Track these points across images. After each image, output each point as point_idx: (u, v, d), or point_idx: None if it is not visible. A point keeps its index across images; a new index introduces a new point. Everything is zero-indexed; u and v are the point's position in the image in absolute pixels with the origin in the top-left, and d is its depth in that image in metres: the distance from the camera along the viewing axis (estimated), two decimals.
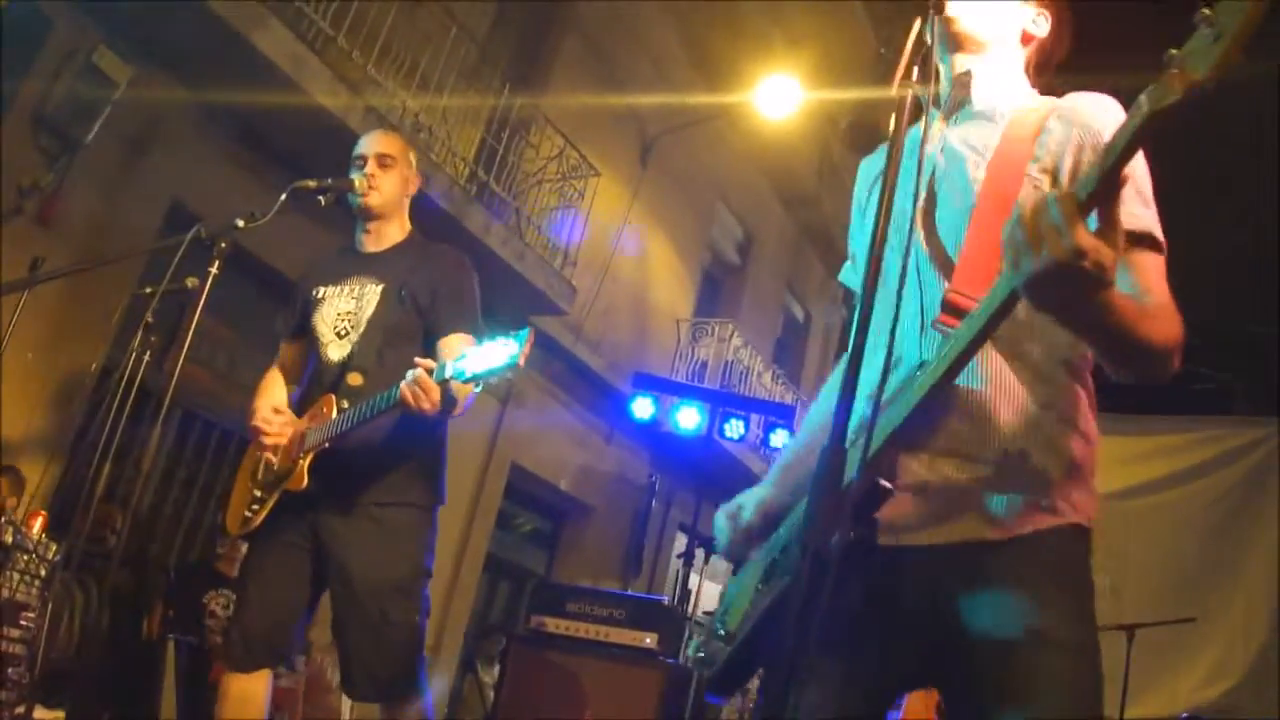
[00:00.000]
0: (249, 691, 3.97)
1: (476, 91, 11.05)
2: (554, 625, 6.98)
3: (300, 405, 4.24)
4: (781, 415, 13.64)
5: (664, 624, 6.84)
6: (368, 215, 4.37)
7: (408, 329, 4.18)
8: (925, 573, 2.02)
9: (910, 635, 2.06)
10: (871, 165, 2.55)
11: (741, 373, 15.95)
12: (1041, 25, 2.37)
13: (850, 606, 1.96)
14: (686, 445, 13.18)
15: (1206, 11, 1.47)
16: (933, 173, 2.22)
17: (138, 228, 8.13)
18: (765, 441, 13.85)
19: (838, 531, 1.61)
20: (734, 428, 12.70)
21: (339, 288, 4.29)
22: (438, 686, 11.20)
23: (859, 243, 2.52)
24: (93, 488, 4.23)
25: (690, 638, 2.24)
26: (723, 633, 2.32)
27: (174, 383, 3.69)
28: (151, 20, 7.90)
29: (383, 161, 4.37)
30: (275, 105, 8.46)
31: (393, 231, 4.45)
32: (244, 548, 6.87)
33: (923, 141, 2.09)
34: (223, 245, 3.79)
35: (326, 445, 3.96)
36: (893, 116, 1.89)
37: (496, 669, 9.26)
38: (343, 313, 4.22)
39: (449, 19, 10.33)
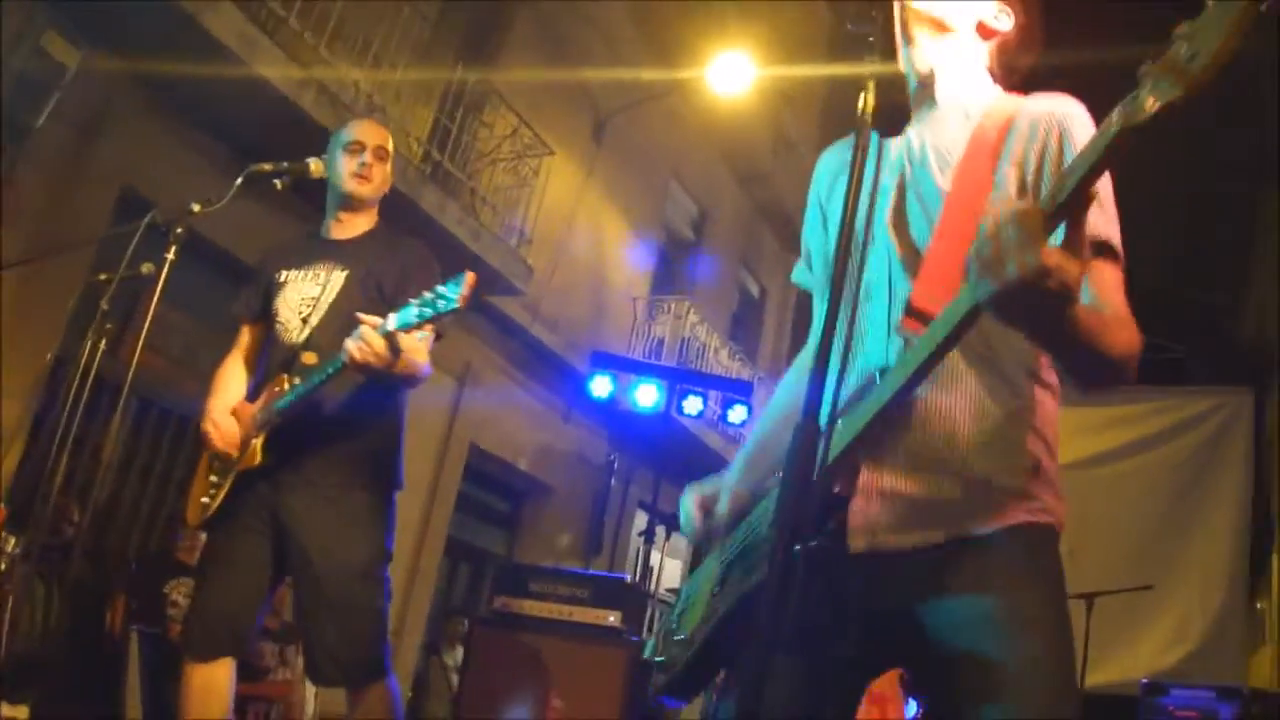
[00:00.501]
0: (211, 680, 3.90)
1: (430, 70, 10.99)
2: (517, 606, 6.97)
3: (256, 390, 4.20)
4: (739, 391, 13.66)
5: (627, 602, 6.85)
6: (352, 204, 4.32)
7: (368, 303, 4.04)
8: (899, 574, 2.00)
9: (885, 635, 2.04)
10: (832, 159, 2.52)
11: (698, 349, 15.96)
12: (1004, 21, 2.32)
13: (819, 606, 1.95)
14: (645, 423, 13.17)
15: (1185, 28, 1.45)
16: (901, 172, 2.20)
17: (89, 214, 8.05)
18: (723, 418, 13.87)
19: (807, 526, 1.59)
20: (692, 404, 12.68)
21: (303, 272, 4.22)
22: (401, 670, 11.18)
23: (815, 241, 2.48)
24: (50, 479, 4.17)
25: (648, 640, 2.21)
26: (680, 637, 2.31)
27: (132, 371, 3.64)
28: (101, 2, 7.80)
29: (380, 154, 4.37)
30: (227, 88, 8.39)
31: (362, 221, 4.39)
32: (204, 534, 6.93)
33: (861, 165, 1.88)
34: (179, 231, 3.75)
35: (278, 419, 3.94)
36: (860, 101, 1.86)
37: (460, 651, 9.26)
38: (307, 297, 4.15)
39: None
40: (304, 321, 4.11)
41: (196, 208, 3.78)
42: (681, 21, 14.66)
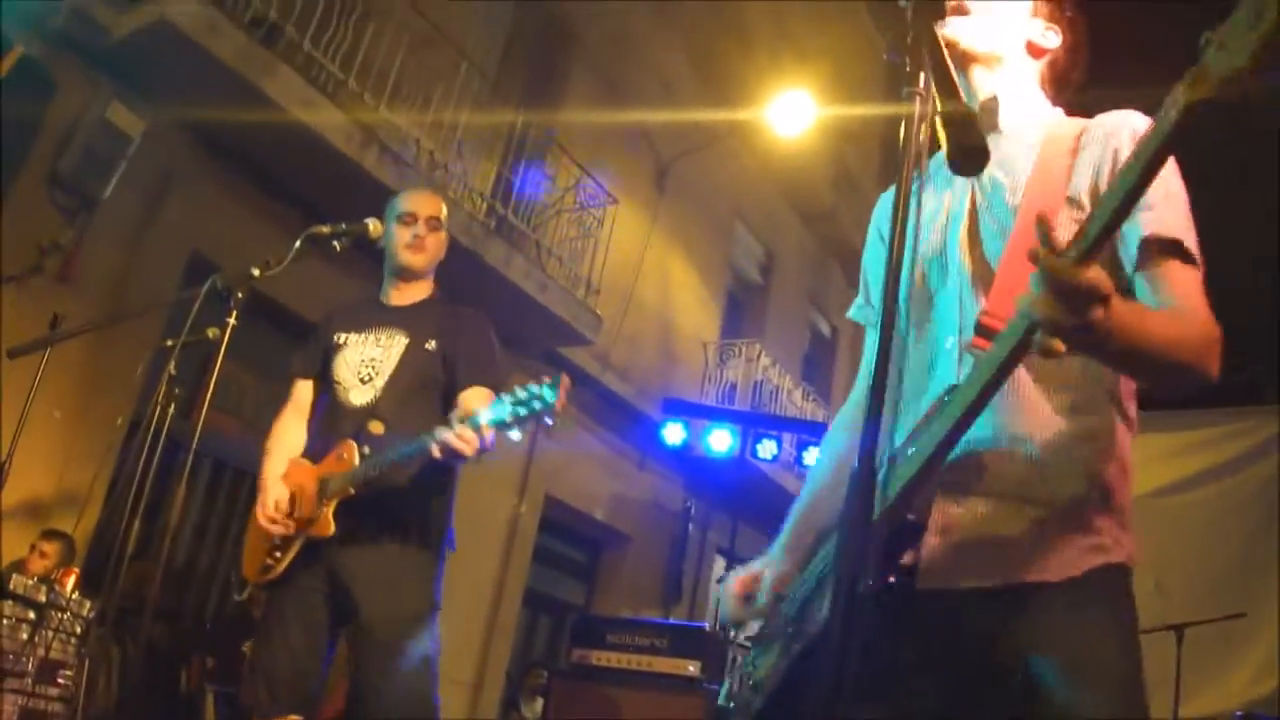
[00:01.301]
0: None
1: (491, 125, 11.06)
2: (596, 658, 6.95)
3: (317, 448, 4.30)
4: (813, 433, 13.54)
5: (706, 651, 6.81)
6: (408, 274, 4.47)
7: (430, 381, 4.24)
8: (975, 617, 1.95)
9: (963, 682, 1.98)
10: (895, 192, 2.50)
11: (771, 392, 15.88)
12: (1051, 39, 2.30)
13: (895, 654, 1.93)
14: (720, 468, 13.12)
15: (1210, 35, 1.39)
16: (971, 196, 2.18)
17: (158, 280, 8.16)
18: (799, 460, 13.76)
19: (871, 570, 1.53)
20: (766, 448, 12.63)
21: (363, 335, 4.36)
22: None
23: (875, 274, 2.47)
24: (124, 543, 4.19)
25: (723, 683, 2.19)
26: (754, 682, 2.27)
27: (198, 433, 3.66)
28: (163, 73, 7.92)
29: (433, 224, 4.47)
30: (289, 150, 8.50)
31: (420, 289, 4.52)
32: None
33: (905, 200, 1.81)
34: (239, 295, 3.79)
35: (351, 492, 4.03)
36: (901, 130, 1.81)
37: (540, 704, 9.22)
38: (367, 359, 4.29)
39: (458, 55, 10.35)
40: (363, 383, 4.24)
41: (256, 272, 3.82)
42: (739, 63, 14.68)
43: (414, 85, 9.90)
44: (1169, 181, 1.99)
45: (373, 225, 4.23)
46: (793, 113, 13.94)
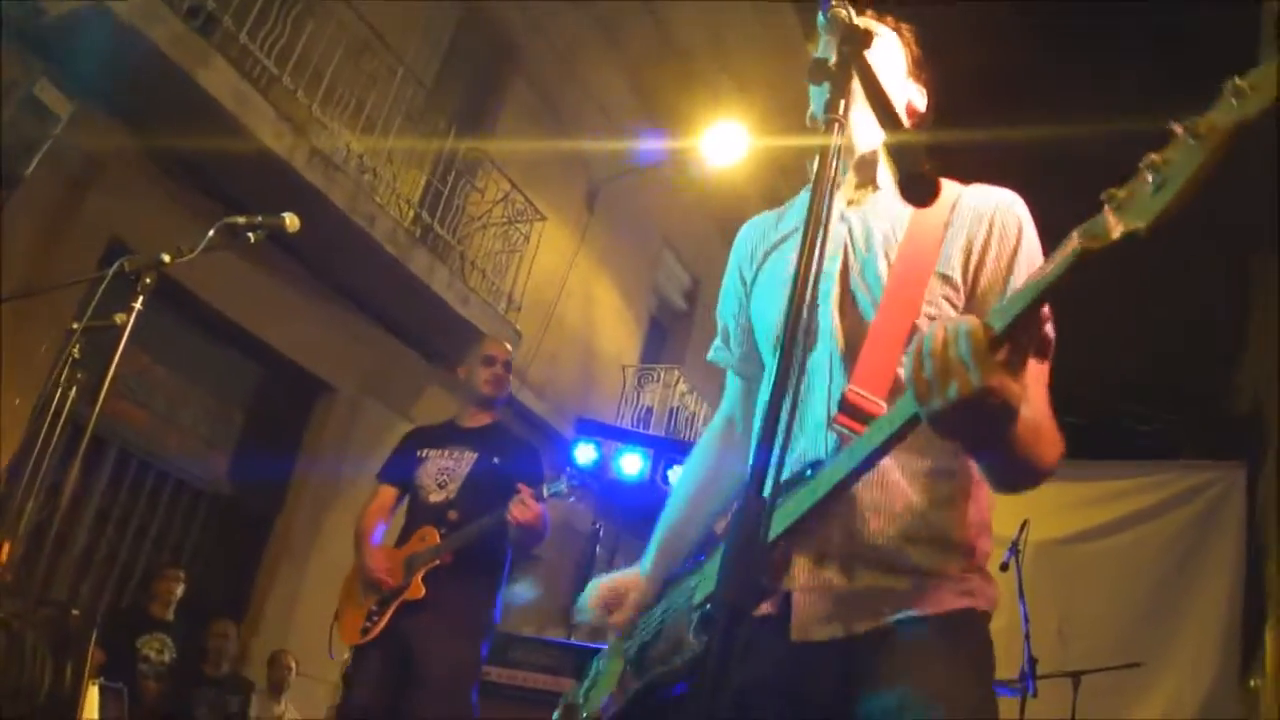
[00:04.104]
0: None
1: (422, 135, 11.03)
2: (498, 674, 6.95)
3: (402, 537, 5.39)
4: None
5: None
6: (485, 403, 5.60)
7: (493, 486, 5.18)
8: (833, 665, 1.96)
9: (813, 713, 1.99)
10: (753, 231, 2.50)
11: (687, 419, 15.91)
12: (920, 101, 2.34)
13: (756, 698, 1.95)
14: (630, 492, 13.10)
15: (1155, 158, 1.41)
16: (844, 256, 2.15)
17: (74, 264, 8.03)
18: (666, 477, 13.78)
19: (748, 602, 1.53)
20: (677, 474, 12.60)
21: (441, 451, 5.45)
22: None
23: (731, 315, 2.46)
24: (15, 526, 4.15)
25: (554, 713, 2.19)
26: (585, 715, 2.29)
27: (94, 418, 3.62)
28: (95, 55, 7.81)
29: (508, 367, 5.68)
30: (219, 144, 8.41)
31: (487, 415, 5.64)
32: (179, 589, 8.37)
33: (823, 217, 1.74)
34: (147, 280, 3.75)
35: (438, 562, 5.09)
36: (813, 169, 1.80)
37: None
38: (443, 468, 5.38)
39: (396, 61, 10.32)
40: (440, 487, 5.33)
41: (167, 258, 3.78)
42: (678, 91, 14.73)
43: (349, 88, 9.86)
44: (1034, 266, 1.99)
45: (289, 219, 4.21)
46: (727, 143, 14.01)
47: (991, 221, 2.07)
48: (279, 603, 10.28)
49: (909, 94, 2.33)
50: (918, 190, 1.78)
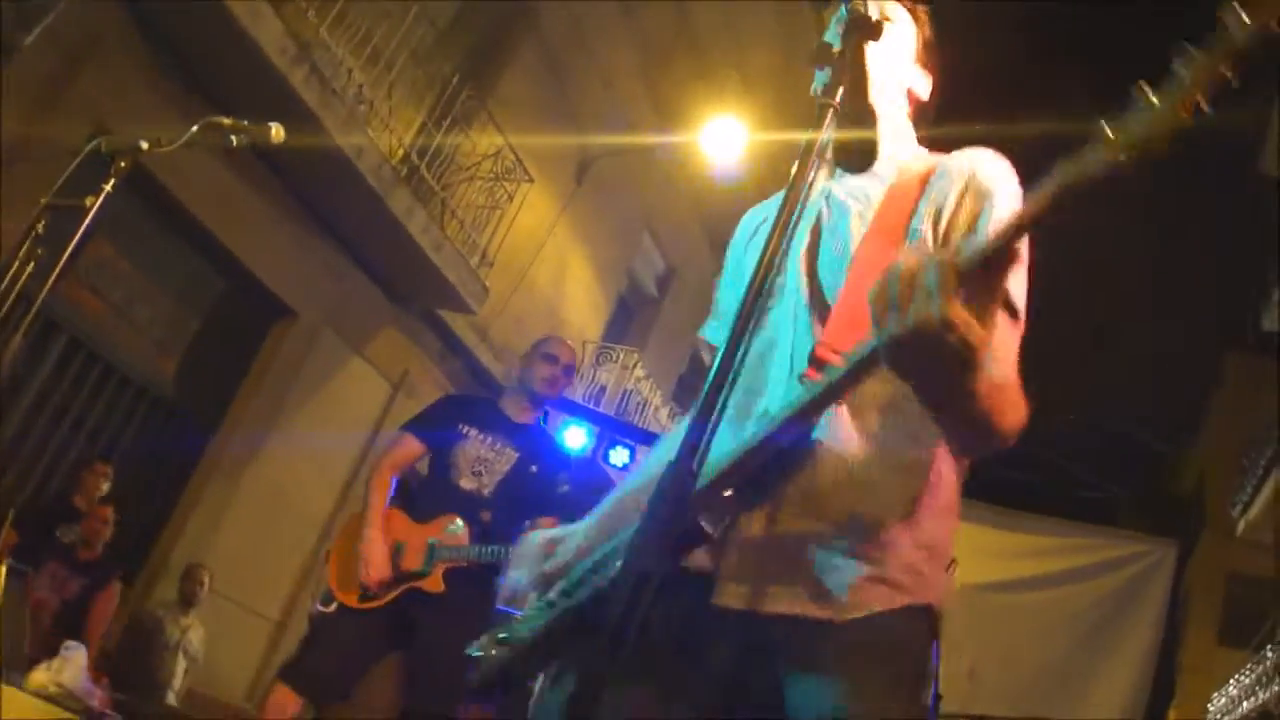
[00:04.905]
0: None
1: (426, 75, 10.95)
2: None
3: (422, 508, 5.20)
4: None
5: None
6: (536, 400, 5.44)
7: (528, 493, 5.12)
8: (746, 640, 1.90)
9: (715, 696, 1.95)
10: (754, 218, 2.48)
11: (639, 404, 15.90)
12: (923, 88, 2.31)
13: (661, 647, 1.87)
14: (571, 464, 13.07)
15: (1150, 92, 1.41)
16: (817, 220, 2.14)
17: (58, 142, 7.91)
18: (606, 456, 13.75)
19: (665, 557, 1.51)
20: (619, 455, 12.58)
21: (483, 435, 5.24)
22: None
23: (729, 297, 2.43)
24: None
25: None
26: (501, 636, 2.22)
27: (42, 295, 3.56)
28: None
29: (570, 373, 5.51)
30: (219, 47, 8.35)
31: (535, 413, 5.49)
32: (105, 484, 8.36)
33: (798, 190, 1.79)
34: (121, 164, 3.68)
35: (464, 564, 4.93)
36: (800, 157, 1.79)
37: None
38: (481, 456, 5.19)
39: None
40: (474, 475, 5.16)
41: (145, 145, 3.71)
42: (684, 79, 14.69)
43: (360, 15, 9.78)
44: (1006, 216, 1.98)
45: (275, 130, 4.14)
46: (725, 139, 13.98)
47: (967, 182, 2.03)
48: (204, 517, 10.20)
49: (912, 80, 2.30)
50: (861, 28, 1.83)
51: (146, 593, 9.77)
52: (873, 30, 1.87)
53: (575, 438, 12.51)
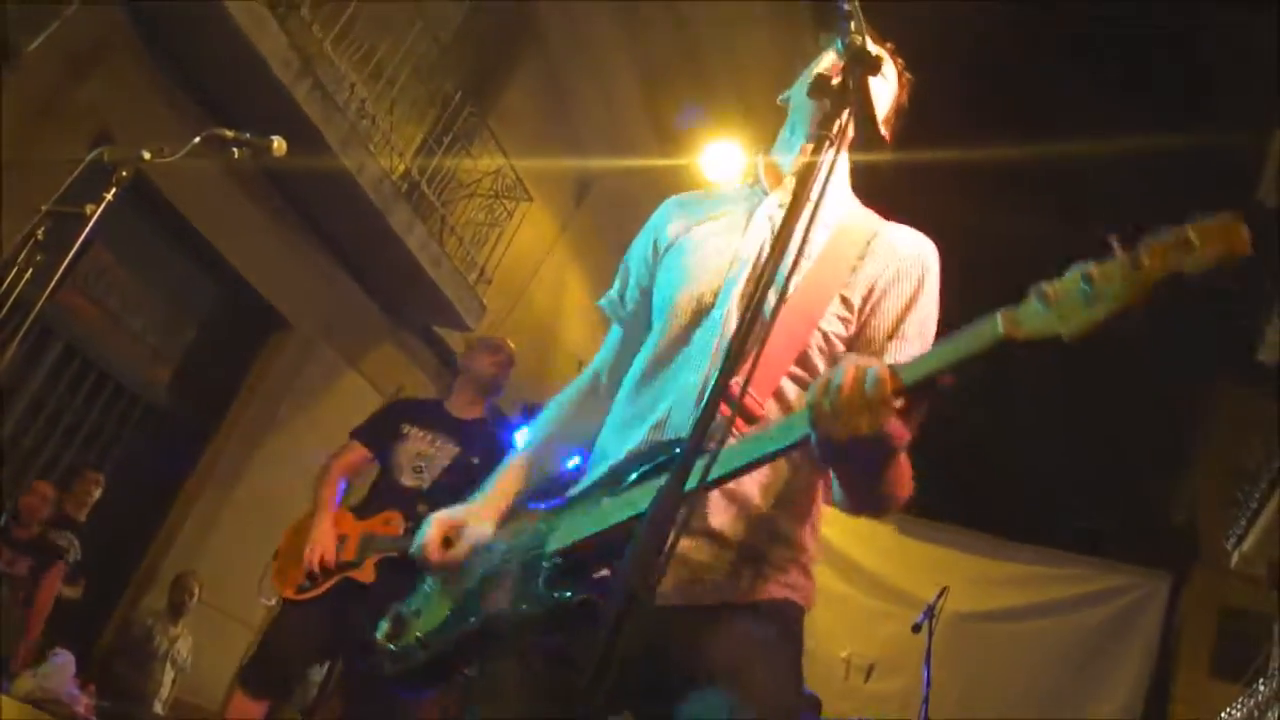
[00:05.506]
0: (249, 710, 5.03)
1: (428, 91, 10.98)
2: None
3: (367, 507, 5.36)
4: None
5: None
6: (486, 390, 5.69)
7: (467, 490, 4.91)
8: (666, 630, 1.97)
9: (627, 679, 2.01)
10: (680, 204, 2.58)
11: None
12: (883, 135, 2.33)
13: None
14: (562, 482, 13.05)
15: (1093, 271, 1.49)
16: (760, 253, 2.19)
17: (58, 149, 7.92)
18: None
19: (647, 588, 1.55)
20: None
21: (424, 433, 5.38)
22: None
23: (634, 274, 2.57)
24: None
25: (382, 621, 2.20)
26: (418, 634, 2.29)
27: (40, 302, 3.59)
28: None
29: (512, 361, 5.80)
30: (224, 61, 8.39)
31: (480, 406, 5.64)
32: (96, 491, 8.46)
33: (798, 227, 1.84)
34: (123, 173, 3.70)
35: (395, 554, 5.00)
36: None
37: None
38: (421, 453, 5.32)
39: (417, 15, 10.27)
40: (415, 472, 5.27)
41: (147, 155, 3.75)
42: (685, 102, 14.71)
43: (365, 31, 9.81)
44: (926, 320, 2.15)
45: (276, 143, 4.17)
46: (723, 164, 13.98)
47: (900, 268, 2.16)
48: (195, 527, 10.20)
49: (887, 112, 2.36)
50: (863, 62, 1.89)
51: (136, 601, 9.76)
52: (873, 64, 1.92)
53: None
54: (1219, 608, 14.73)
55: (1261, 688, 11.62)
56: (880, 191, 2.38)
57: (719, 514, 2.05)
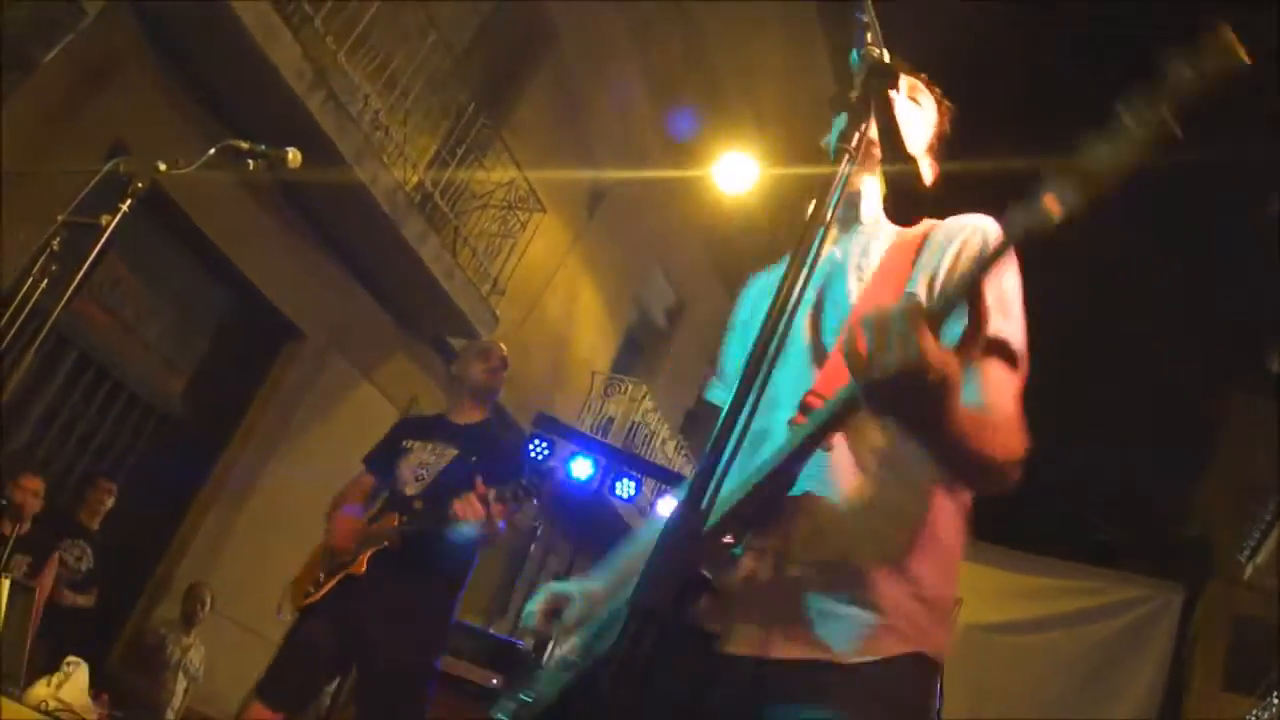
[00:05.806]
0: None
1: (441, 102, 11.00)
2: None
3: (374, 519, 5.36)
4: (674, 483, 13.53)
5: (514, 667, 6.80)
6: (482, 396, 5.60)
7: (464, 485, 5.02)
8: (748, 683, 1.89)
9: None
10: (756, 284, 2.55)
11: (646, 435, 15.91)
12: (926, 173, 2.29)
13: (669, 694, 1.87)
14: (576, 495, 13.07)
15: (1095, 140, 1.48)
16: (822, 282, 2.17)
17: (73, 160, 7.96)
18: (654, 506, 13.75)
19: (666, 603, 1.51)
20: (625, 486, 12.55)
21: (424, 444, 5.41)
22: None
23: (734, 357, 2.47)
24: None
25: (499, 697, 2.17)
26: (528, 696, 2.22)
27: (56, 312, 3.59)
28: None
29: (506, 364, 5.65)
30: (237, 70, 8.42)
31: (479, 412, 5.58)
32: (109, 500, 8.44)
33: (808, 244, 1.78)
34: (139, 185, 3.72)
35: (385, 544, 5.03)
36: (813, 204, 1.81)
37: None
38: (423, 462, 5.34)
39: (430, 25, 10.29)
40: (417, 480, 5.30)
41: (163, 166, 3.76)
42: (698, 113, 14.74)
43: (379, 41, 9.83)
44: (1002, 281, 1.99)
45: (291, 154, 4.18)
46: (736, 175, 14.00)
47: (960, 247, 2.07)
48: (208, 537, 10.21)
49: (922, 162, 2.26)
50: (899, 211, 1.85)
51: (148, 611, 9.78)
52: (890, 76, 1.89)
53: (581, 469, 12.51)
54: (1232, 620, 14.71)
55: (1275, 700, 11.61)
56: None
57: (816, 533, 1.93)
